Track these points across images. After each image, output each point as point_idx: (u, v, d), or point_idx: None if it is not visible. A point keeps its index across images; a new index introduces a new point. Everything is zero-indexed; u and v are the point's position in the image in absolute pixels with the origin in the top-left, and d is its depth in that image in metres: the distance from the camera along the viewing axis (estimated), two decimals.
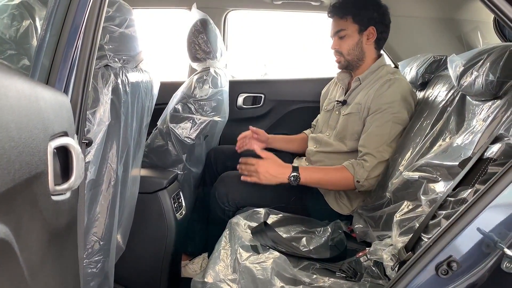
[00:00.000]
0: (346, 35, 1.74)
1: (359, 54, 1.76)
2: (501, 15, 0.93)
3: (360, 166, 1.59)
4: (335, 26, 1.77)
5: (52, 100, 0.68)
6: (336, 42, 1.77)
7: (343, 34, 1.74)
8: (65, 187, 0.69)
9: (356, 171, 1.58)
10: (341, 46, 1.76)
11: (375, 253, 1.25)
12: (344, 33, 1.73)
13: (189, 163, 1.94)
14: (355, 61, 1.77)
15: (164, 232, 1.71)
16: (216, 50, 2.01)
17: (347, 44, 1.75)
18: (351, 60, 1.77)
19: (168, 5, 2.49)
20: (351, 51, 1.75)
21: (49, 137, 0.63)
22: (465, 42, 2.14)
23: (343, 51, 1.76)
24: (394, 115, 1.60)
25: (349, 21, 1.72)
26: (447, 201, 1.03)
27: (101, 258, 1.33)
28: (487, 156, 0.97)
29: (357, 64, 1.78)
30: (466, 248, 0.90)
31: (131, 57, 1.32)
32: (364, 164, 1.59)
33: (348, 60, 1.77)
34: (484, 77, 1.12)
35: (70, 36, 0.89)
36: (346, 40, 1.74)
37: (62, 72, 0.86)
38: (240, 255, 1.31)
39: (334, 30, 1.77)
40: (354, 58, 1.76)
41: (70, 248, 0.81)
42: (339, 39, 1.76)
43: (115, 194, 1.34)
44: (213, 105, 1.94)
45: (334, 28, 1.77)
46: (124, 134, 1.32)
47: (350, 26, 1.73)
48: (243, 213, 1.64)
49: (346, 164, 1.61)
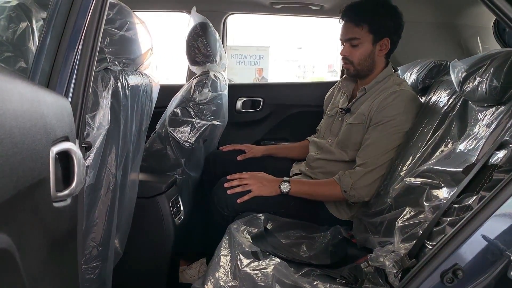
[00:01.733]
0: (359, 44, 1.66)
1: (369, 65, 1.70)
2: (503, 16, 0.92)
3: (346, 175, 1.60)
4: (348, 33, 1.68)
5: (53, 104, 0.66)
6: (348, 49, 1.69)
7: (356, 43, 1.66)
8: (67, 193, 0.68)
9: (342, 181, 1.60)
10: (352, 54, 1.69)
11: (376, 259, 1.23)
12: (358, 42, 1.65)
13: (188, 168, 1.92)
14: (365, 71, 1.72)
15: (162, 237, 1.69)
16: (216, 54, 2.00)
17: (359, 53, 1.67)
18: (361, 70, 1.71)
19: (168, 8, 2.48)
20: (362, 62, 1.69)
21: (51, 142, 0.62)
22: (464, 47, 2.15)
23: (354, 60, 1.69)
24: (396, 128, 1.59)
25: (365, 30, 1.64)
26: (451, 208, 1.02)
27: (99, 263, 1.31)
28: (492, 162, 0.96)
29: (366, 74, 1.73)
30: (471, 256, 0.90)
31: (131, 60, 1.30)
32: (351, 174, 1.59)
33: (357, 70, 1.71)
34: (487, 83, 1.11)
35: (71, 39, 0.88)
36: (359, 49, 1.67)
37: (63, 76, 0.84)
38: (240, 261, 1.30)
39: (347, 37, 1.68)
40: (364, 68, 1.71)
41: (70, 254, 0.79)
42: (351, 46, 1.68)
43: (114, 199, 1.32)
44: (212, 109, 1.93)
45: (346, 34, 1.68)
46: (123, 138, 1.31)
47: (365, 36, 1.65)
48: (243, 218, 1.63)
49: (335, 177, 1.63)
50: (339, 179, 1.62)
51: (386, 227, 1.37)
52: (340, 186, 1.60)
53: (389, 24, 1.65)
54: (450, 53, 2.16)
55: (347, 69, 1.74)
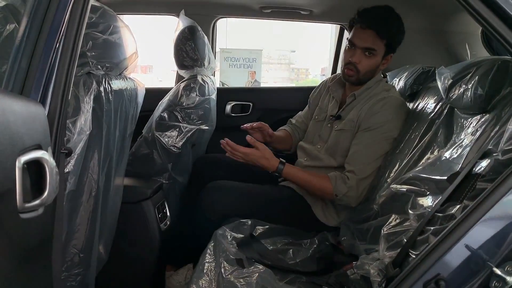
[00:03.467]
0: (373, 56, 1.61)
1: (371, 75, 1.67)
2: (490, 28, 0.92)
3: (342, 181, 1.59)
4: (368, 41, 1.59)
5: (23, 111, 0.64)
6: (360, 57, 1.61)
7: (371, 54, 1.61)
8: (37, 203, 0.66)
9: (337, 185, 1.58)
10: (361, 63, 1.62)
11: (362, 267, 1.23)
12: (374, 53, 1.60)
13: (174, 172, 1.90)
14: (364, 80, 1.68)
15: (148, 243, 1.67)
16: (204, 58, 1.99)
17: (369, 64, 1.62)
18: (362, 79, 1.67)
19: (156, 12, 2.45)
20: (368, 72, 1.65)
21: (18, 151, 0.60)
22: (453, 54, 2.15)
23: (361, 69, 1.63)
24: (384, 135, 1.58)
25: (383, 42, 1.59)
26: (435, 217, 1.01)
27: (81, 270, 1.28)
28: (475, 171, 0.96)
29: (362, 83, 1.70)
30: (454, 266, 0.89)
31: (115, 64, 1.29)
32: (346, 181, 1.58)
33: (359, 79, 1.67)
34: (472, 91, 1.11)
35: (49, 40, 0.85)
36: (371, 60, 1.62)
37: (39, 81, 0.82)
38: (224, 269, 1.28)
39: (365, 45, 1.60)
40: (365, 78, 1.67)
41: (43, 266, 0.77)
42: (365, 56, 1.61)
43: (96, 205, 1.30)
44: (200, 113, 1.91)
45: (366, 42, 1.59)
46: (106, 143, 1.29)
47: (381, 49, 1.60)
48: (229, 224, 1.61)
49: (331, 175, 1.61)
50: (334, 180, 1.59)
51: (372, 234, 1.36)
52: (332, 187, 1.58)
53: (400, 41, 1.63)
54: (438, 59, 2.16)
55: (350, 75, 1.66)
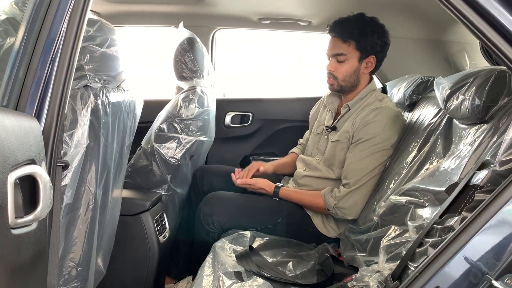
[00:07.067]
0: (345, 60, 1.65)
1: (354, 81, 1.69)
2: (487, 41, 0.91)
3: (330, 195, 1.62)
4: (335, 48, 1.67)
5: (15, 127, 0.64)
6: (333, 65, 1.68)
7: (342, 59, 1.65)
8: (30, 218, 0.65)
9: (326, 199, 1.62)
10: (337, 70, 1.68)
11: (361, 279, 1.21)
12: (344, 58, 1.65)
13: (174, 184, 1.90)
14: (348, 87, 1.71)
15: (146, 256, 1.66)
16: (203, 69, 1.99)
17: (345, 69, 1.67)
18: (345, 86, 1.70)
19: (155, 23, 2.47)
20: (347, 78, 1.68)
21: (10, 167, 0.59)
22: (452, 64, 2.15)
23: (338, 76, 1.68)
24: (376, 147, 1.58)
25: (352, 46, 1.64)
26: (434, 229, 1.00)
27: (78, 284, 1.27)
28: (473, 182, 0.95)
29: (349, 90, 1.72)
30: (453, 279, 0.87)
31: (112, 77, 1.29)
32: (336, 194, 1.60)
33: (341, 86, 1.70)
34: (470, 101, 1.10)
35: (44, 53, 0.85)
36: (344, 65, 1.66)
37: (34, 94, 0.82)
38: (222, 282, 1.27)
39: (333, 52, 1.67)
40: (348, 84, 1.70)
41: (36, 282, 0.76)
42: (337, 62, 1.67)
43: (94, 218, 1.29)
44: (199, 124, 1.91)
45: (333, 50, 1.68)
46: (103, 156, 1.28)
47: (352, 52, 1.64)
48: (228, 236, 1.60)
49: (322, 192, 1.65)
50: (324, 196, 1.63)
51: (372, 245, 1.35)
52: (324, 203, 1.63)
53: (376, 42, 1.64)
54: (438, 69, 2.16)
55: (331, 84, 1.72)
